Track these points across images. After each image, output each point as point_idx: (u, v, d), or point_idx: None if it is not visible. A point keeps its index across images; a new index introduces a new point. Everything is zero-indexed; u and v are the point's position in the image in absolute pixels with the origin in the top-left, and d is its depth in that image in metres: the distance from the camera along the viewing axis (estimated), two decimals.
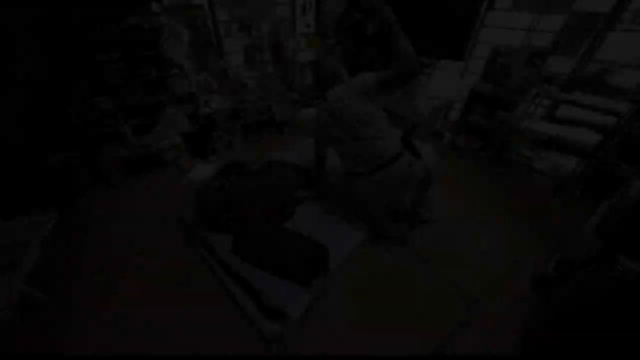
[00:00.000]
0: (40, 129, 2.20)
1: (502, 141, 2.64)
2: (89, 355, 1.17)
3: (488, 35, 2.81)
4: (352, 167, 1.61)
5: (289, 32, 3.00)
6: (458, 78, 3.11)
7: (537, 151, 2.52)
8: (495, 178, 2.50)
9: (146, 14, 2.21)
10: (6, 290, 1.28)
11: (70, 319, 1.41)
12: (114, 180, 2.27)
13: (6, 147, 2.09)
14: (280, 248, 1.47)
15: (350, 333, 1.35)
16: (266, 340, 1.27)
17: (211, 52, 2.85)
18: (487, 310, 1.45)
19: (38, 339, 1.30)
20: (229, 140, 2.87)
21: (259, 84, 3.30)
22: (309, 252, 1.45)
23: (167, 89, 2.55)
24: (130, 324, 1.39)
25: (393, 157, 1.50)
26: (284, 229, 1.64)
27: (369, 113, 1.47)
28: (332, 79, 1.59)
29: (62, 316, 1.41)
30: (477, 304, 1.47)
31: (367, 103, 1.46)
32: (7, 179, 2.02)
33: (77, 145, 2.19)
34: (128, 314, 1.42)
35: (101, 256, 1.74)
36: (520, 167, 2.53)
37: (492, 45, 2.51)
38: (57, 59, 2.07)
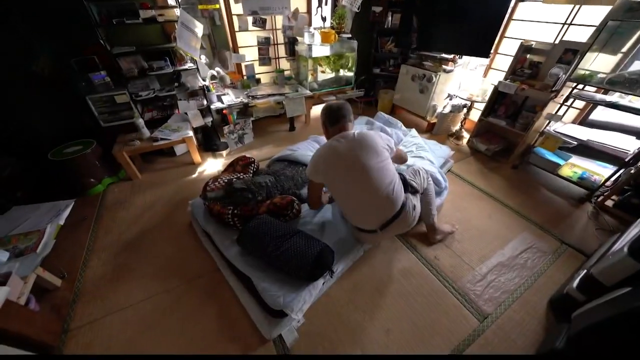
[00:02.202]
0: (60, 121, 2.29)
1: (527, 145, 2.45)
2: (89, 355, 1.20)
3: (517, 30, 2.60)
4: (360, 224, 1.46)
5: (305, 26, 2.92)
6: (481, 76, 2.92)
7: (565, 157, 2.33)
8: (516, 184, 2.33)
9: (160, 6, 2.22)
10: (25, 272, 1.33)
11: (80, 301, 1.46)
12: (126, 171, 2.33)
13: (33, 138, 2.20)
14: (286, 241, 1.42)
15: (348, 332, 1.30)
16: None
17: (225, 46, 2.84)
18: (499, 327, 1.35)
19: (53, 320, 1.34)
20: (240, 136, 2.86)
21: (272, 79, 3.27)
22: (315, 250, 1.39)
23: (180, 82, 2.57)
24: (134, 310, 1.41)
25: (400, 208, 1.38)
26: (291, 225, 1.60)
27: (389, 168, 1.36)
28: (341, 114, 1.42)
29: (72, 298, 1.46)
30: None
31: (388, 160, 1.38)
32: (31, 168, 2.12)
33: (93, 136, 2.26)
34: (133, 301, 1.45)
35: (109, 243, 1.78)
36: (546, 173, 2.35)
37: (521, 40, 2.32)
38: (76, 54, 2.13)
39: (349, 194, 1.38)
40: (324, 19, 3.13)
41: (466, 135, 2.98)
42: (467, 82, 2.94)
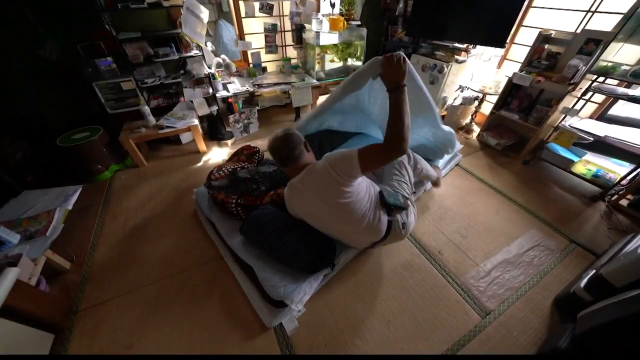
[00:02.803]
0: (69, 107, 2.31)
1: (540, 140, 2.37)
2: (89, 355, 1.24)
3: (536, 18, 2.47)
4: (348, 244, 1.45)
5: (313, 12, 2.84)
6: (495, 67, 2.80)
7: (580, 153, 2.24)
8: (526, 180, 2.27)
9: None
10: (35, 255, 1.37)
11: (88, 284, 1.50)
12: (133, 158, 2.35)
13: (42, 124, 2.23)
14: (288, 232, 1.42)
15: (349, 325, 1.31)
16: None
17: (230, 33, 2.78)
18: (501, 323, 1.34)
19: (63, 301, 1.39)
20: (245, 125, 2.84)
21: (279, 67, 3.21)
22: (317, 243, 1.39)
23: (186, 70, 2.55)
24: (140, 294, 1.45)
25: (387, 231, 1.29)
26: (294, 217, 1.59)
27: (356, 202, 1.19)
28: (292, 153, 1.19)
29: (81, 281, 1.50)
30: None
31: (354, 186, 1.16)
32: (41, 153, 2.16)
33: (100, 123, 2.27)
34: (139, 285, 1.49)
35: (116, 229, 1.82)
36: (558, 170, 2.27)
37: (540, 30, 2.20)
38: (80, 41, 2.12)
39: (329, 230, 1.34)
40: (332, 5, 3.02)
41: (476, 129, 2.90)
42: (479, 74, 2.83)
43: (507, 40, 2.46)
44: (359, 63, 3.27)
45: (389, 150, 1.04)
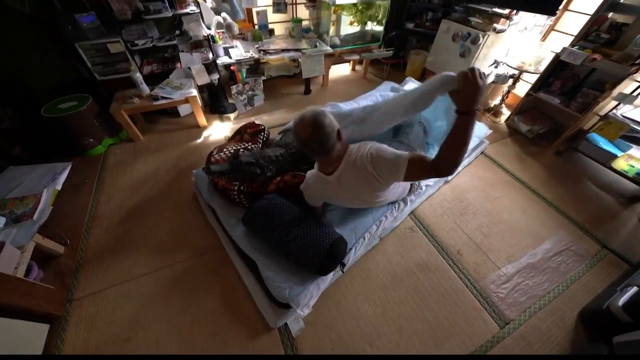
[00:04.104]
0: (53, 71, 2.06)
1: (579, 129, 2.10)
2: (89, 356, 1.17)
3: None
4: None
5: None
6: (538, 40, 2.42)
7: (625, 147, 1.99)
8: (558, 174, 2.05)
9: None
10: (22, 242, 1.27)
11: (83, 270, 1.42)
12: (128, 132, 2.16)
13: (24, 89, 2.01)
14: (296, 227, 1.28)
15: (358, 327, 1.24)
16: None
17: None
18: (521, 335, 1.25)
19: (57, 290, 1.32)
20: (249, 97, 2.58)
21: (288, 30, 2.83)
22: (327, 239, 1.25)
23: (182, 30, 2.23)
24: (137, 284, 1.37)
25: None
26: (302, 209, 1.45)
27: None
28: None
29: (76, 267, 1.43)
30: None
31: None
32: (29, 125, 1.97)
33: (90, 91, 2.04)
34: (135, 274, 1.41)
35: (111, 210, 1.71)
36: (595, 164, 2.04)
37: None
38: None
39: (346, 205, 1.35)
40: None
41: (506, 112, 2.60)
42: (519, 47, 2.46)
43: (560, 6, 2.06)
44: (380, 28, 2.87)
45: (440, 172, 0.93)
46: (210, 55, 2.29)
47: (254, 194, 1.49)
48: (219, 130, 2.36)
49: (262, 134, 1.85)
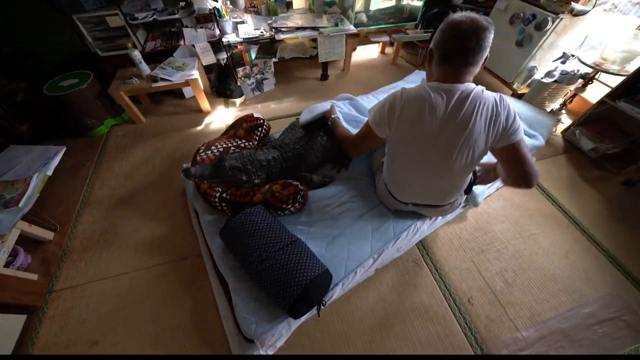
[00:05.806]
0: (56, 44, 1.98)
1: None
2: (89, 356, 1.16)
3: None
4: (396, 193, 1.16)
5: None
6: (633, 28, 1.81)
7: None
8: (623, 212, 1.61)
9: None
10: (3, 231, 1.26)
11: (67, 260, 1.42)
12: (129, 113, 2.07)
13: (29, 64, 1.97)
14: (275, 253, 1.12)
15: None
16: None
17: None
18: None
19: (37, 281, 1.34)
20: (258, 81, 2.34)
21: (308, 3, 2.46)
22: (307, 274, 1.07)
23: (187, 2, 2.00)
24: (113, 283, 1.34)
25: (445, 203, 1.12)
26: (287, 228, 1.26)
27: None
28: None
29: (61, 256, 1.43)
30: None
31: None
32: (26, 105, 1.95)
33: (93, 68, 1.95)
34: (113, 272, 1.37)
35: (102, 198, 1.68)
36: None
37: None
38: None
39: (406, 167, 1.03)
40: None
41: (565, 121, 2.09)
42: (601, 36, 1.87)
43: None
44: (419, 3, 2.37)
45: (526, 184, 0.87)
46: (217, 32, 2.06)
47: (238, 203, 1.33)
48: (221, 117, 2.20)
49: (260, 130, 1.64)
